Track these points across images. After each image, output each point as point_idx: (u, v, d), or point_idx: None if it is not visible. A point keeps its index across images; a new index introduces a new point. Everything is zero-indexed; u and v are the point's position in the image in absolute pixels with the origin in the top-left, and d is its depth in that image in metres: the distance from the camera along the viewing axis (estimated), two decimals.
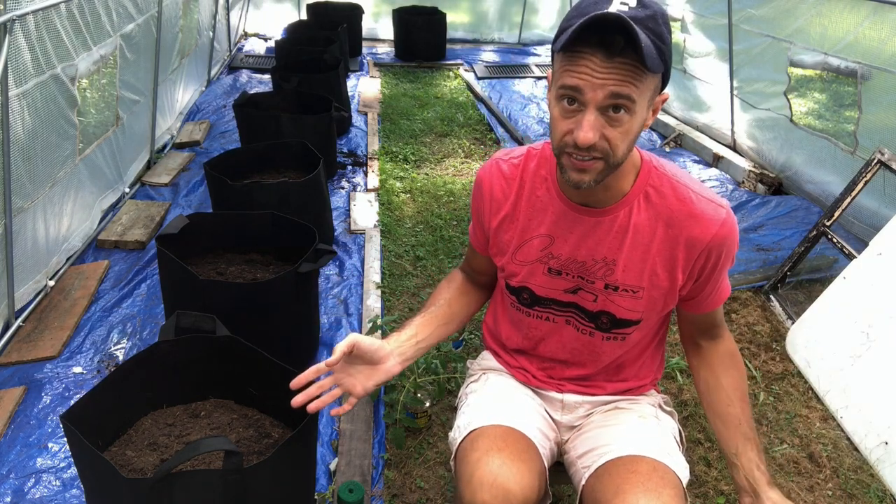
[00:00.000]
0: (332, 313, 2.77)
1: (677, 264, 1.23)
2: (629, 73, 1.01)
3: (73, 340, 2.47)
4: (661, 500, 1.15)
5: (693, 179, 1.25)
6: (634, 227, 1.22)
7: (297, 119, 3.70)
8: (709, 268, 1.24)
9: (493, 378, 1.47)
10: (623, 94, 1.02)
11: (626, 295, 1.26)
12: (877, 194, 3.09)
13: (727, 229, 1.20)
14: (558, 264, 1.29)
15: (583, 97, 1.04)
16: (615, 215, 1.22)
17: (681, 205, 1.20)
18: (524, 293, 1.34)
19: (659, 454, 1.26)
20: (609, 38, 0.99)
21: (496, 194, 1.33)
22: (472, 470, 1.20)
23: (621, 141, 1.07)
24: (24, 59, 2.33)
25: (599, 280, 1.27)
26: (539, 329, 1.38)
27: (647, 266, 1.23)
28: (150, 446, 1.69)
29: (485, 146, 4.73)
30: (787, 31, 3.76)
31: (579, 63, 1.02)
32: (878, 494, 2.03)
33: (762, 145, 4.15)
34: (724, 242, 1.21)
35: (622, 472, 1.23)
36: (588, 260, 1.26)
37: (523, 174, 1.30)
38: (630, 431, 1.33)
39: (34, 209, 2.54)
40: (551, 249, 1.28)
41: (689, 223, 1.19)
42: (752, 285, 3.04)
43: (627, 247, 1.23)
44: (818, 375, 2.44)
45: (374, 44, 7.48)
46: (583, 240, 1.25)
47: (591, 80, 1.02)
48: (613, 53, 1.00)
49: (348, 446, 2.06)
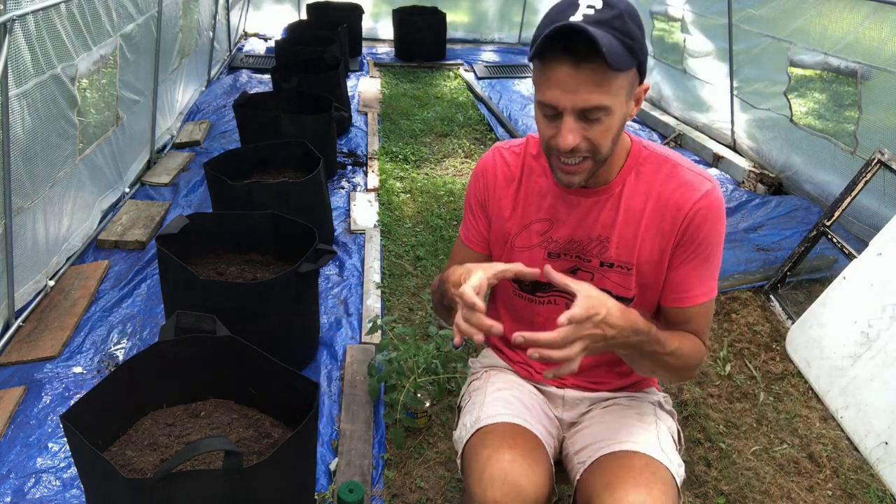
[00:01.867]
0: (332, 313, 2.77)
1: (664, 235, 1.24)
2: (598, 77, 1.06)
3: (73, 340, 2.47)
4: (651, 495, 1.15)
5: (682, 157, 1.29)
6: (626, 203, 1.26)
7: (297, 119, 3.70)
8: (684, 243, 1.23)
9: (496, 375, 1.48)
10: (592, 105, 1.08)
11: (620, 272, 1.29)
12: (877, 194, 3.09)
13: (710, 200, 1.21)
14: (557, 247, 1.32)
15: (558, 108, 1.10)
16: (609, 194, 1.26)
17: (669, 178, 1.24)
18: (525, 279, 1.34)
19: (653, 451, 1.26)
20: (573, 46, 1.04)
21: (500, 181, 1.36)
22: (482, 467, 1.20)
23: (604, 138, 1.12)
24: (24, 59, 2.33)
25: (595, 258, 1.30)
26: (541, 314, 1.39)
27: (638, 241, 1.26)
28: (150, 446, 1.69)
29: (485, 146, 4.73)
30: (787, 31, 3.76)
31: (550, 76, 1.09)
32: (878, 494, 2.03)
33: (762, 145, 4.15)
34: (708, 214, 1.21)
35: (615, 466, 1.23)
36: (584, 239, 1.29)
37: (524, 161, 1.34)
38: (626, 428, 1.34)
39: (34, 209, 2.54)
40: (551, 233, 1.31)
41: (676, 193, 1.23)
42: (752, 285, 3.04)
43: (620, 223, 1.26)
44: (818, 375, 2.44)
45: (374, 44, 7.48)
46: (580, 221, 1.29)
47: (562, 89, 1.08)
48: (580, 60, 1.05)
49: (348, 446, 2.06)
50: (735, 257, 3.21)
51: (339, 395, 2.33)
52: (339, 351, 2.54)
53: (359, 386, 2.32)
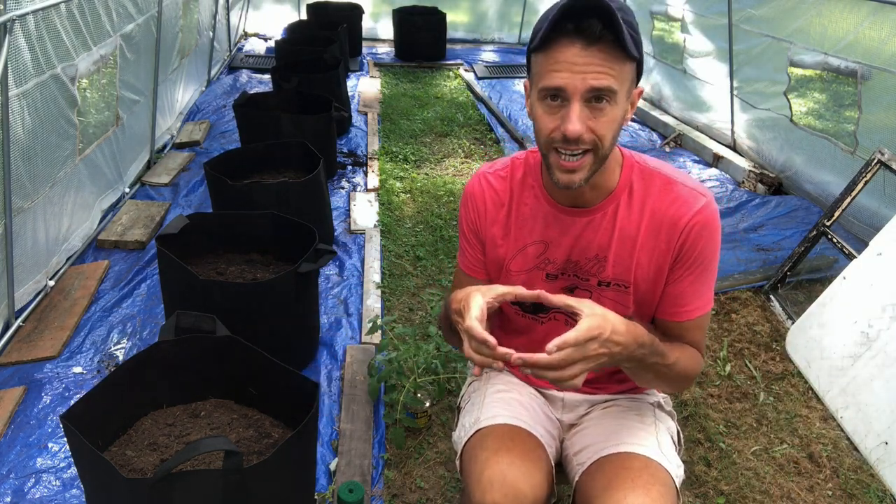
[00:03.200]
0: (332, 313, 2.77)
1: (660, 252, 1.23)
2: (609, 58, 1.04)
3: (73, 340, 2.47)
4: (650, 497, 1.15)
5: (677, 171, 1.27)
6: (621, 221, 1.24)
7: (297, 119, 3.70)
8: (686, 254, 1.21)
9: (496, 376, 1.48)
10: (603, 86, 1.05)
11: (617, 290, 1.28)
12: (877, 194, 3.09)
13: (705, 215, 1.19)
14: (555, 268, 1.30)
15: (566, 91, 1.06)
16: (604, 212, 1.24)
17: (664, 193, 1.22)
18: (527, 301, 1.34)
19: (652, 452, 1.26)
20: (585, 23, 1.02)
21: (489, 206, 1.33)
22: (481, 469, 1.20)
23: (607, 130, 1.10)
24: (24, 59, 2.33)
25: (593, 277, 1.28)
26: (540, 332, 1.38)
27: (634, 259, 1.24)
28: (150, 446, 1.69)
29: (485, 146, 4.74)
30: (787, 31, 3.76)
31: (559, 58, 1.05)
32: (878, 494, 2.03)
33: (762, 145, 4.15)
34: (704, 229, 1.19)
35: (614, 468, 1.23)
36: (581, 259, 1.28)
37: (511, 185, 1.32)
38: (626, 429, 1.33)
39: (34, 209, 2.54)
40: (547, 255, 1.29)
41: (671, 208, 1.21)
42: (752, 285, 3.04)
43: (616, 242, 1.24)
44: (818, 375, 2.44)
45: (374, 44, 7.48)
46: (576, 241, 1.27)
47: (571, 71, 1.05)
48: (592, 40, 1.03)
49: (348, 446, 2.06)
50: (735, 257, 3.21)
51: (339, 395, 2.33)
52: (339, 351, 2.54)
53: (359, 386, 2.32)
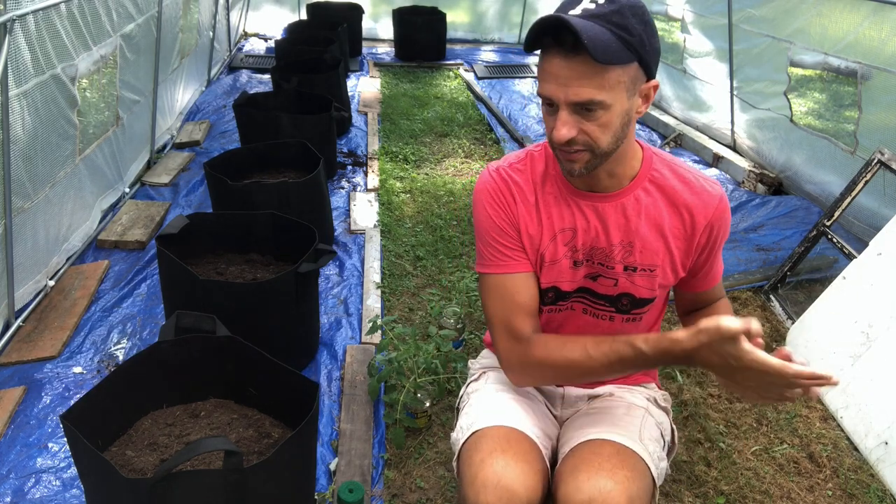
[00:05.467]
0: (332, 313, 2.77)
1: (687, 240, 1.30)
2: (589, 70, 1.07)
3: (73, 340, 2.47)
4: (615, 480, 1.15)
5: (690, 166, 1.34)
6: (646, 208, 1.28)
7: (296, 119, 3.70)
8: (710, 243, 1.32)
9: (494, 376, 1.48)
10: (584, 99, 1.09)
11: (643, 274, 1.31)
12: (877, 194, 3.09)
13: (724, 205, 1.31)
14: (581, 255, 1.32)
15: (553, 100, 1.12)
16: (626, 199, 1.28)
17: (684, 186, 1.29)
18: (549, 293, 1.35)
19: (628, 441, 1.27)
20: (561, 37, 1.07)
21: (517, 198, 1.31)
22: (475, 471, 1.21)
23: (601, 133, 1.13)
24: (24, 59, 2.33)
25: (619, 263, 1.31)
26: (555, 320, 1.39)
27: (661, 244, 1.29)
28: (150, 446, 1.69)
29: (485, 146, 4.73)
30: (788, 31, 3.76)
31: (547, 68, 1.11)
32: (878, 494, 2.03)
33: (762, 145, 4.15)
34: (723, 218, 1.31)
35: (585, 453, 1.25)
36: (607, 246, 1.30)
37: (533, 177, 1.33)
38: (610, 418, 1.35)
39: (34, 209, 2.54)
40: (574, 242, 1.31)
41: (693, 202, 1.28)
42: (752, 285, 3.04)
43: (643, 227, 1.28)
44: None
45: (374, 44, 7.48)
46: (602, 227, 1.29)
47: (556, 82, 1.10)
48: (569, 53, 1.07)
49: (348, 446, 2.06)
50: (735, 257, 3.21)
51: (339, 395, 2.33)
52: (339, 351, 2.54)
53: (359, 386, 2.32)
